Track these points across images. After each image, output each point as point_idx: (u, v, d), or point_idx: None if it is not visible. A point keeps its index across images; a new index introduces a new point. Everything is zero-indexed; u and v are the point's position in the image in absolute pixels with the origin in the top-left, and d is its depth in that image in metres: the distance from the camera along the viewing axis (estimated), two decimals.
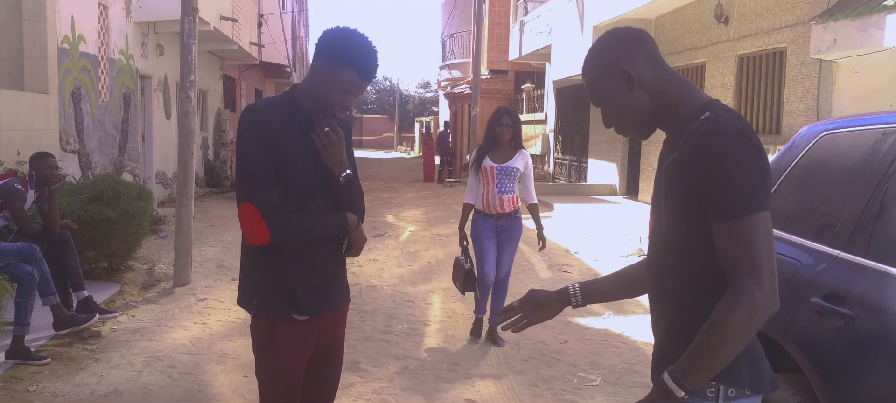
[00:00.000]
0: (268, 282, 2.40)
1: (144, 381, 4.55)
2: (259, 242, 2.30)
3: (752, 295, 1.49)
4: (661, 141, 1.80)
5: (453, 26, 28.59)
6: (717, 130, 1.57)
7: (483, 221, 5.40)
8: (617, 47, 1.78)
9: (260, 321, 2.45)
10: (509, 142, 5.38)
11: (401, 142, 55.38)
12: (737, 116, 1.63)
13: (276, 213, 2.28)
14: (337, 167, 2.41)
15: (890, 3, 7.10)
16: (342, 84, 2.31)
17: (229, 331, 5.66)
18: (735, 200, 1.52)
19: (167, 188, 13.51)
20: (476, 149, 5.56)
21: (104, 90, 10.43)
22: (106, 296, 6.46)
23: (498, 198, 5.32)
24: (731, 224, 1.53)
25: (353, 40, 2.33)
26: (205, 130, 16.81)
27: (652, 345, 1.84)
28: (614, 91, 1.77)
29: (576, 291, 2.05)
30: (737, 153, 1.54)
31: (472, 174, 5.45)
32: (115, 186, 7.12)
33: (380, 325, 5.98)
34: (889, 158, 2.49)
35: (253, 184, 2.28)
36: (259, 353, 2.49)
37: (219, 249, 9.24)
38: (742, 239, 1.51)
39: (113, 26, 10.69)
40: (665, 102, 1.74)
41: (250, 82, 22.57)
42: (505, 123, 5.33)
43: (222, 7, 13.90)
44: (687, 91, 1.74)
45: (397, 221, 13.04)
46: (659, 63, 1.77)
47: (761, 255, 1.51)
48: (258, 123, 2.30)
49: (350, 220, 2.49)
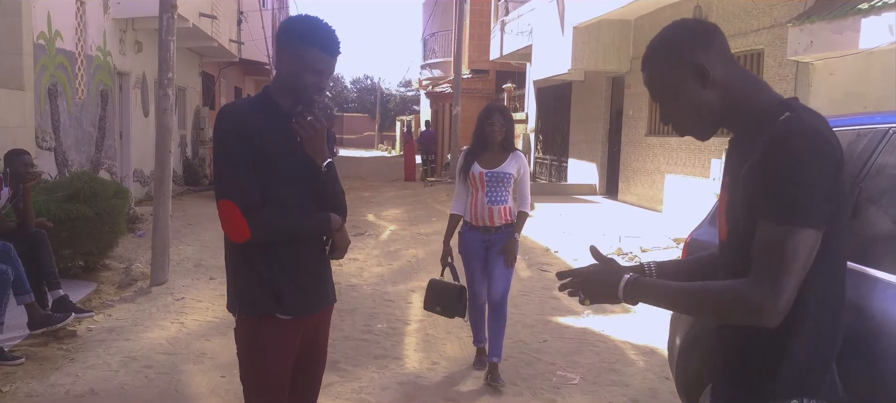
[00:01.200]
0: (251, 282, 2.37)
1: (121, 381, 4.50)
2: (240, 239, 2.29)
3: (763, 303, 1.47)
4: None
5: (434, 25, 28.60)
6: (798, 131, 1.49)
7: (471, 235, 4.72)
8: (689, 40, 1.68)
9: (244, 323, 2.42)
10: (501, 143, 4.67)
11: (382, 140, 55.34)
12: (819, 118, 1.56)
13: (256, 209, 2.27)
14: (319, 156, 2.40)
15: (864, 7, 7.20)
16: (311, 65, 2.31)
17: (207, 331, 5.62)
18: (791, 206, 1.47)
19: (145, 186, 13.39)
20: (463, 152, 4.86)
21: (81, 87, 10.31)
22: (82, 295, 6.38)
23: (487, 208, 4.62)
24: (778, 227, 1.48)
25: (311, 21, 2.36)
26: (183, 128, 16.69)
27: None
28: (684, 87, 1.67)
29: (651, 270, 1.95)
30: (813, 161, 1.47)
31: (460, 181, 4.78)
32: (91, 184, 7.04)
33: (359, 324, 5.97)
34: (863, 159, 2.52)
35: (232, 180, 2.27)
36: (244, 356, 2.45)
37: (197, 248, 9.17)
38: (781, 247, 1.47)
39: (90, 22, 10.57)
40: (736, 102, 1.66)
41: (230, 80, 22.41)
42: (496, 122, 4.62)
43: (201, 4, 13.80)
44: (762, 90, 1.66)
45: (378, 220, 13.02)
46: (731, 60, 1.67)
47: (792, 273, 1.47)
48: (235, 121, 2.29)
49: (334, 221, 2.47)
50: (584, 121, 17.11)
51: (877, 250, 2.36)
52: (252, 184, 2.27)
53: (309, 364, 2.59)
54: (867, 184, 2.46)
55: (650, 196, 13.41)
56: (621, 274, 1.73)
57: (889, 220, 2.37)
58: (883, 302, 2.23)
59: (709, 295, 1.60)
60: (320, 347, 2.64)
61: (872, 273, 2.30)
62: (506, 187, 4.67)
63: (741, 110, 1.66)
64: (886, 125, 2.54)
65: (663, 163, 12.87)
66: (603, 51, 14.34)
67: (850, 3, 7.64)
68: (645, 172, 13.61)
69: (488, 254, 4.70)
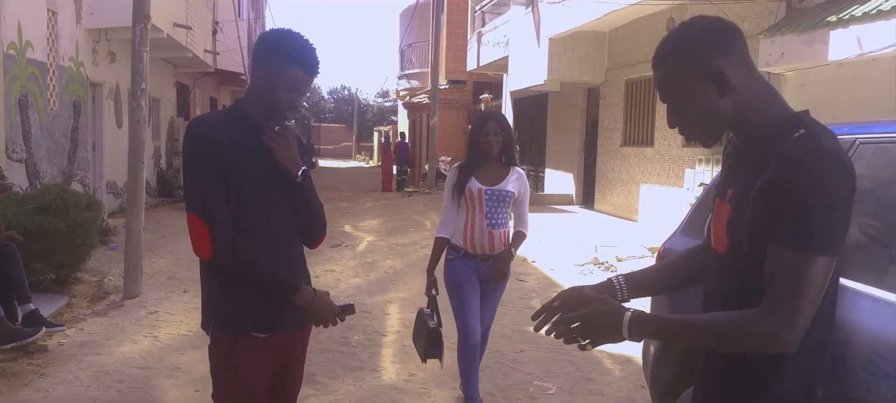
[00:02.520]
0: (226, 299, 2.32)
1: (92, 396, 4.44)
2: (204, 256, 2.25)
3: (780, 332, 1.45)
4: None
5: (411, 36, 28.64)
6: (815, 153, 1.44)
7: (462, 262, 4.08)
8: (709, 42, 1.57)
9: (219, 341, 2.35)
10: (498, 156, 4.10)
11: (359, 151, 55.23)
12: (832, 136, 1.50)
13: (221, 225, 2.21)
14: (293, 166, 2.35)
15: (833, 19, 7.33)
16: (288, 82, 2.28)
17: (181, 345, 5.56)
18: (810, 234, 1.43)
19: (118, 198, 13.23)
20: (457, 167, 4.20)
21: (53, 98, 10.18)
22: (53, 309, 6.28)
23: (488, 233, 4.02)
24: (795, 255, 1.43)
25: (293, 38, 2.31)
26: (157, 139, 16.54)
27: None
28: (701, 94, 1.58)
29: (621, 285, 1.88)
30: (832, 185, 1.42)
31: (450, 199, 4.12)
32: (63, 196, 6.94)
33: (336, 336, 5.93)
34: None
35: (199, 195, 2.22)
36: (218, 375, 2.37)
37: (170, 261, 9.07)
38: (798, 276, 1.43)
39: (62, 33, 10.45)
40: (750, 112, 1.58)
41: (205, 90, 22.26)
42: (491, 131, 4.02)
43: (176, 14, 13.70)
44: (774, 101, 1.59)
45: (355, 231, 12.97)
46: (750, 65, 1.58)
47: (808, 301, 1.44)
48: (204, 135, 2.25)
49: (304, 293, 2.36)
50: (561, 132, 17.23)
51: (846, 259, 2.40)
52: (220, 200, 2.22)
53: (285, 383, 2.54)
54: None
55: (626, 205, 13.51)
56: (622, 312, 1.63)
57: (857, 230, 2.41)
58: (850, 311, 2.27)
59: (717, 328, 1.55)
60: (297, 364, 2.58)
61: (842, 282, 2.33)
62: (506, 208, 4.09)
63: (753, 121, 1.59)
64: (853, 136, 2.58)
65: (638, 174, 12.99)
66: (578, 62, 14.48)
67: (819, 15, 7.79)
68: (620, 182, 13.72)
69: (484, 286, 4.13)
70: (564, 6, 13.32)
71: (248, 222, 2.28)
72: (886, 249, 2.28)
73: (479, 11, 21.32)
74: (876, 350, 2.12)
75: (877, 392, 2.08)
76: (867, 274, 2.28)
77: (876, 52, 6.89)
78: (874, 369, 2.10)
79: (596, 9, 12.19)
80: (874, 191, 2.39)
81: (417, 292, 7.86)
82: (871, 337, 2.16)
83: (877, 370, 2.09)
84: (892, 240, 2.27)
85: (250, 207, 2.28)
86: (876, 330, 2.15)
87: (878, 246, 2.32)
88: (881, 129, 2.52)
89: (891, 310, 2.14)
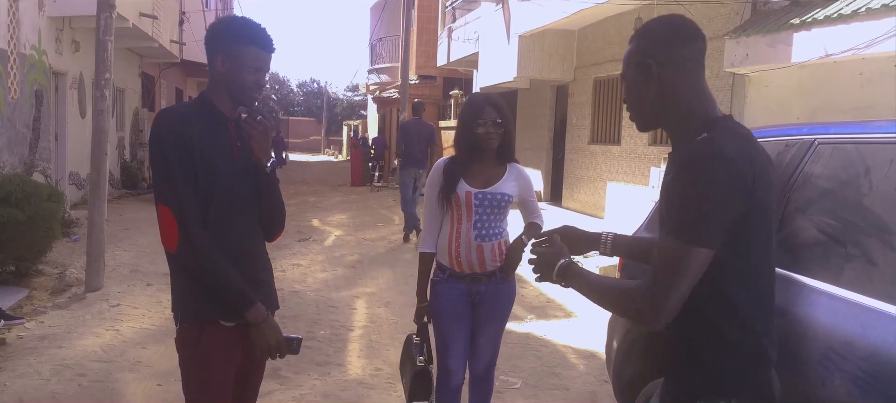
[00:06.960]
0: (193, 289, 2.32)
1: (52, 390, 4.36)
2: (170, 248, 2.25)
3: (644, 309, 1.62)
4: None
5: (382, 31, 28.52)
6: (701, 155, 1.61)
7: (448, 285, 3.27)
8: (657, 36, 1.79)
9: (186, 330, 2.36)
10: (496, 152, 3.26)
11: (328, 145, 54.85)
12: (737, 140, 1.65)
13: (191, 220, 2.22)
14: (265, 156, 2.41)
15: (796, 22, 7.47)
16: (250, 62, 2.31)
17: (143, 338, 5.48)
18: (688, 226, 1.59)
19: (81, 189, 12.99)
20: (441, 165, 3.31)
21: (14, 86, 9.96)
22: (13, 302, 6.16)
23: (476, 247, 3.21)
24: (675, 242, 1.60)
25: (243, 20, 2.39)
26: (121, 130, 16.27)
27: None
28: (634, 77, 1.81)
29: (607, 240, 2.20)
30: (710, 182, 1.58)
31: (433, 205, 3.29)
32: (24, 187, 6.81)
33: (302, 331, 5.90)
34: (791, 169, 2.62)
35: (169, 187, 2.22)
36: (186, 365, 2.38)
37: (133, 253, 8.94)
38: (675, 262, 1.60)
39: (24, 20, 10.22)
40: (673, 107, 1.77)
41: (171, 81, 21.93)
42: (489, 121, 3.15)
43: (142, 3, 13.48)
44: (704, 105, 1.75)
45: (323, 225, 12.91)
46: (695, 67, 1.77)
47: (678, 287, 1.59)
48: (174, 128, 2.24)
49: (257, 311, 2.32)
50: (530, 129, 17.30)
51: (804, 257, 2.46)
52: (190, 193, 2.23)
53: (249, 372, 2.55)
54: (794, 194, 2.56)
55: (593, 203, 13.62)
56: (559, 258, 1.87)
57: (815, 228, 2.47)
58: (808, 307, 2.32)
59: (611, 292, 1.76)
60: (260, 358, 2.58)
61: (800, 279, 2.39)
62: (502, 214, 3.32)
63: (674, 116, 1.78)
64: (812, 136, 2.64)
65: (605, 171, 13.09)
66: (547, 59, 14.53)
67: (783, 18, 7.92)
68: (588, 180, 13.82)
69: (477, 313, 3.32)
70: (535, 4, 13.36)
71: (216, 214, 2.29)
72: (842, 247, 2.34)
73: (450, 7, 21.30)
74: (831, 346, 2.17)
75: (830, 387, 2.14)
76: (823, 271, 2.34)
77: (837, 54, 7.03)
78: (828, 364, 2.16)
79: (565, 7, 12.24)
80: (833, 190, 2.45)
81: (384, 287, 7.86)
82: (825, 333, 2.21)
83: (831, 364, 2.15)
84: (849, 239, 2.32)
85: (218, 200, 2.29)
86: (831, 326, 2.21)
87: (834, 244, 2.37)
88: (839, 130, 2.59)
89: (845, 307, 2.20)
